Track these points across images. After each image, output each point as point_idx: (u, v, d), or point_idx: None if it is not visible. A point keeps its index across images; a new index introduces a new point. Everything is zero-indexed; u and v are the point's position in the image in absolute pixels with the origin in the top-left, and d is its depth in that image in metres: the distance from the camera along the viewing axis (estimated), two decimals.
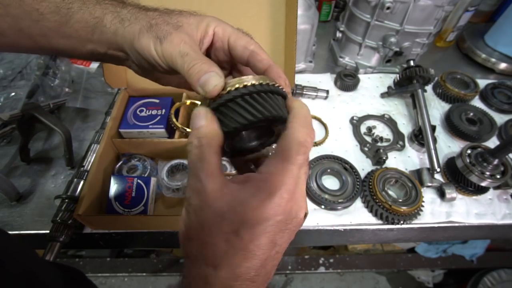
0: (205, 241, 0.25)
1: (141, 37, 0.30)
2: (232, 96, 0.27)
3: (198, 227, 0.25)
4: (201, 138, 0.26)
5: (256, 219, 0.24)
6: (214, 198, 0.24)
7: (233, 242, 0.24)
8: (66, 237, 0.55)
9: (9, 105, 0.77)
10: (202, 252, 0.25)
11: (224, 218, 0.24)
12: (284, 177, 0.25)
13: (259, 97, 0.27)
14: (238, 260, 0.24)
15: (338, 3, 1.17)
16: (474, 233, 0.70)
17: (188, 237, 0.26)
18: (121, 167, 0.67)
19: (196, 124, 0.26)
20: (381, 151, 0.73)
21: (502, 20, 1.01)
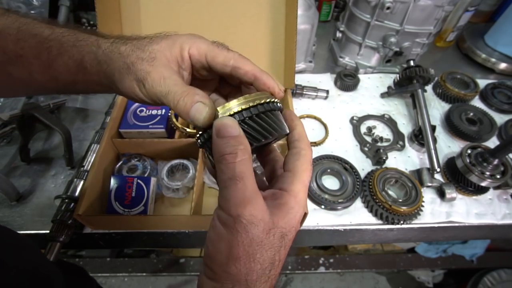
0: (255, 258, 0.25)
1: (122, 80, 0.31)
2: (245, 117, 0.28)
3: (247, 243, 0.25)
4: (245, 150, 0.26)
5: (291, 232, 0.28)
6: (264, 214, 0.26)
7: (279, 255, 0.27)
8: (66, 237, 0.55)
9: (9, 105, 0.77)
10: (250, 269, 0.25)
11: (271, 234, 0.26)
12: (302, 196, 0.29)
13: (260, 119, 0.28)
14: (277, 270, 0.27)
15: (338, 3, 1.17)
16: (474, 233, 0.70)
17: (235, 257, 0.25)
18: (121, 167, 0.67)
19: (232, 132, 0.26)
20: (381, 151, 0.73)
21: (502, 20, 1.01)
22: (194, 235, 0.62)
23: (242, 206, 0.25)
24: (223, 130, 0.26)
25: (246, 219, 0.25)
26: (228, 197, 0.25)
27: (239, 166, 0.25)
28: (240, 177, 0.25)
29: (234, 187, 0.25)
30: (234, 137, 0.26)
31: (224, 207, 0.26)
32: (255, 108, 0.28)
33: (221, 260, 0.26)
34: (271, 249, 0.26)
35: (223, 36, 0.71)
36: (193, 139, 0.67)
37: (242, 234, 0.25)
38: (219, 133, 0.26)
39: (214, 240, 0.26)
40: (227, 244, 0.25)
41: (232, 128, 0.26)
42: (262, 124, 0.28)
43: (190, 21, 0.70)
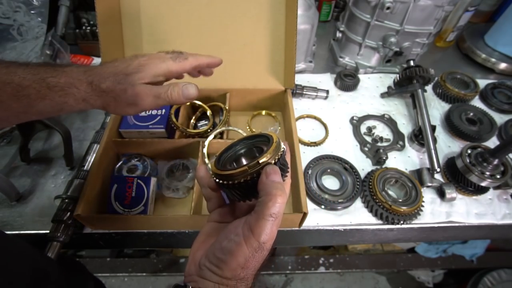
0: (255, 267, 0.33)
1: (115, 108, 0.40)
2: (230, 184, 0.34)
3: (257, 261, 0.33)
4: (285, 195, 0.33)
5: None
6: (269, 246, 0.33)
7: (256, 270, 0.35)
8: (66, 237, 0.55)
9: None
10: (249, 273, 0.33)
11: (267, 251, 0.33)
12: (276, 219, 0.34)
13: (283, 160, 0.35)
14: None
15: (338, 3, 1.17)
16: (474, 233, 0.70)
17: (245, 267, 0.32)
18: (121, 167, 0.67)
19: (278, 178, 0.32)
20: (381, 151, 0.73)
21: (502, 20, 1.01)
22: (194, 235, 0.62)
23: (269, 238, 0.31)
24: (274, 175, 0.32)
25: (266, 247, 0.32)
26: (262, 228, 0.31)
27: (281, 207, 0.31)
28: (277, 216, 0.31)
29: (271, 223, 0.31)
30: (280, 183, 0.32)
31: (255, 232, 0.31)
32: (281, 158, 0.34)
33: (235, 267, 0.32)
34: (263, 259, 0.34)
35: (223, 36, 0.71)
36: (193, 139, 0.68)
37: (259, 255, 0.32)
38: (270, 176, 0.32)
39: (233, 251, 0.32)
40: (245, 259, 0.32)
41: (279, 174, 0.32)
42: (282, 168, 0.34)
43: (190, 21, 0.70)
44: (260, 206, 0.32)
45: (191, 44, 0.72)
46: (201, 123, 0.77)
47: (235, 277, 0.32)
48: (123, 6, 0.69)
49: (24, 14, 0.85)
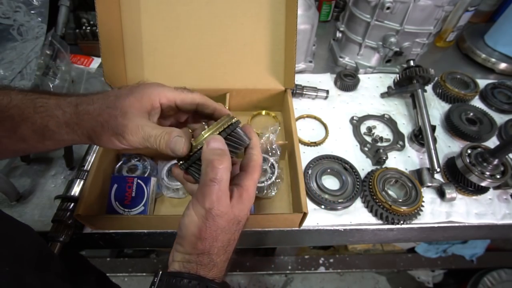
0: (218, 239, 0.33)
1: (99, 136, 0.36)
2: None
3: (213, 230, 0.33)
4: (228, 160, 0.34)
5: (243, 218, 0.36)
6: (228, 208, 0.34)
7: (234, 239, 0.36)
8: (66, 237, 0.55)
9: None
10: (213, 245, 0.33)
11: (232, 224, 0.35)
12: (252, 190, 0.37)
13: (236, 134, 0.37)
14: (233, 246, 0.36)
15: (338, 3, 1.17)
16: (474, 233, 0.70)
17: (200, 237, 0.33)
18: (121, 167, 0.67)
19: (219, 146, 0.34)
20: (381, 151, 0.73)
21: (502, 20, 1.01)
22: None
23: (214, 202, 0.32)
24: (213, 142, 0.33)
25: (215, 213, 0.32)
26: (206, 194, 0.32)
27: (221, 171, 0.32)
28: (219, 180, 0.32)
29: (213, 187, 0.32)
30: (221, 149, 0.33)
31: (200, 200, 0.33)
32: (228, 129, 0.36)
33: (191, 240, 0.33)
34: (229, 233, 0.35)
35: (223, 36, 0.71)
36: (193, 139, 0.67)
37: (210, 222, 0.33)
38: (209, 144, 0.33)
39: (187, 225, 0.33)
40: (198, 229, 0.33)
41: (220, 142, 0.34)
42: (234, 140, 0.37)
43: (190, 21, 0.70)
44: (202, 174, 0.33)
45: (191, 44, 0.72)
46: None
47: (195, 251, 0.33)
48: (123, 6, 0.69)
49: (24, 14, 0.85)
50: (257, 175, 0.37)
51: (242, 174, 0.37)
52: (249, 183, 0.36)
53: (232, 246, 0.36)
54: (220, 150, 0.33)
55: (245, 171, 0.37)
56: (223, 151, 0.33)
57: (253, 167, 0.37)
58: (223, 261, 0.35)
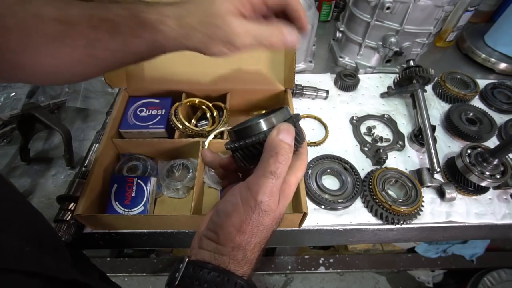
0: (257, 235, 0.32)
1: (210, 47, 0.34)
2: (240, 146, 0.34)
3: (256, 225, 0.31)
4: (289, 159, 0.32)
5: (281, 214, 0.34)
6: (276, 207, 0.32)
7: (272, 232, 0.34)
8: (68, 236, 0.55)
9: (9, 105, 0.77)
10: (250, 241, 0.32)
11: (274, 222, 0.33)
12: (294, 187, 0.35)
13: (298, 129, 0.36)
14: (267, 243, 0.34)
15: (338, 3, 1.17)
16: (474, 233, 0.70)
17: (241, 230, 0.31)
18: (121, 167, 0.67)
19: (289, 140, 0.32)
20: (381, 151, 0.73)
21: (502, 20, 1.01)
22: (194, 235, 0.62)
23: (267, 196, 0.30)
24: (286, 134, 0.31)
25: (264, 208, 0.30)
26: (261, 185, 0.30)
27: (282, 167, 0.31)
28: (277, 176, 0.31)
29: (270, 180, 0.30)
30: (289, 144, 0.31)
31: (252, 190, 0.31)
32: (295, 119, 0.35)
33: (230, 230, 0.31)
34: (268, 230, 0.33)
35: None
36: (193, 139, 0.68)
37: (256, 216, 0.31)
38: (281, 133, 0.31)
39: (229, 212, 0.31)
40: (240, 220, 0.31)
41: (291, 135, 0.32)
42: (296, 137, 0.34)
43: None
44: (261, 163, 0.31)
45: None
46: (201, 123, 0.77)
47: (230, 243, 0.31)
48: None
49: None
50: (301, 174, 0.36)
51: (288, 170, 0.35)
52: (292, 180, 0.34)
53: (266, 243, 0.34)
54: (288, 145, 0.31)
55: (291, 167, 0.34)
56: (290, 147, 0.32)
57: (299, 165, 0.35)
58: (256, 258, 0.33)
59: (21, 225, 0.32)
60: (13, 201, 0.35)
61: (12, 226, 0.31)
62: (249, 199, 0.31)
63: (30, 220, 0.36)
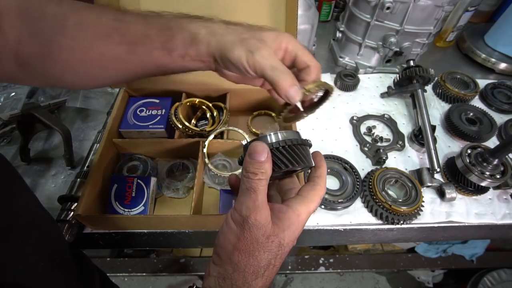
0: (254, 254, 0.31)
1: (235, 49, 0.35)
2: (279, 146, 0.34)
3: (248, 241, 0.31)
4: (265, 173, 0.32)
5: (288, 244, 0.33)
6: (267, 222, 0.32)
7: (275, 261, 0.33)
8: (70, 236, 0.56)
9: (9, 105, 0.77)
10: (249, 262, 0.31)
11: (270, 240, 0.32)
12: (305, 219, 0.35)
13: (296, 148, 0.35)
14: (271, 273, 0.33)
15: (338, 3, 1.17)
16: (474, 233, 0.70)
17: (237, 247, 0.32)
18: (121, 167, 0.67)
19: (259, 157, 0.32)
20: (381, 151, 0.73)
21: (502, 20, 1.01)
22: (194, 235, 0.62)
23: (251, 211, 0.31)
24: (253, 154, 0.32)
25: (252, 222, 0.31)
26: (243, 202, 0.32)
27: (257, 182, 0.31)
28: (254, 190, 0.31)
29: (248, 195, 0.31)
30: (259, 162, 0.32)
31: (237, 208, 0.32)
32: (290, 140, 0.34)
33: (228, 249, 0.32)
34: (268, 252, 0.32)
35: None
36: (193, 139, 0.68)
37: (246, 231, 0.31)
38: (250, 155, 0.32)
39: (225, 232, 0.33)
40: (235, 237, 0.32)
41: (260, 154, 0.32)
42: (292, 155, 0.34)
43: None
44: (241, 182, 0.33)
45: None
46: (201, 123, 0.77)
47: (229, 262, 0.32)
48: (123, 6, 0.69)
49: None
50: (314, 207, 0.35)
51: (298, 198, 0.35)
52: (302, 210, 0.34)
53: (272, 272, 0.33)
54: (258, 164, 0.32)
55: (303, 196, 0.35)
56: (261, 165, 0.32)
57: (313, 196, 0.35)
58: (258, 286, 0.32)
59: (38, 240, 0.33)
60: (33, 214, 0.35)
61: (30, 241, 0.31)
62: (237, 217, 0.32)
63: (46, 232, 0.36)
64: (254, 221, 0.31)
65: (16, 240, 0.29)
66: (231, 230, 0.32)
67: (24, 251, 0.28)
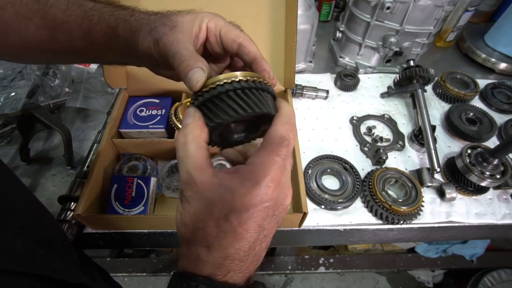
0: (198, 226, 0.28)
1: (143, 40, 0.33)
2: (217, 92, 0.28)
3: (191, 214, 0.28)
4: (187, 135, 0.28)
5: (244, 205, 0.27)
6: (204, 188, 0.27)
7: (223, 226, 0.27)
8: (70, 236, 0.56)
9: (9, 105, 0.77)
10: (196, 235, 0.28)
11: (215, 205, 0.27)
12: (270, 167, 0.28)
13: (243, 93, 0.28)
14: (228, 242, 0.27)
15: (338, 3, 1.17)
16: (474, 233, 0.70)
17: (183, 223, 0.29)
18: (121, 167, 0.67)
19: (184, 122, 0.29)
20: (381, 151, 0.73)
21: (502, 20, 1.01)
22: None
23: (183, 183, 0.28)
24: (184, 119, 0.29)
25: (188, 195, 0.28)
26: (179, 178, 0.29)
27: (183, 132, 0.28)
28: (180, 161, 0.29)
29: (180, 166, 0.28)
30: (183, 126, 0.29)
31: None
32: (247, 82, 0.29)
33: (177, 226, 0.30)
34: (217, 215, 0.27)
35: None
36: None
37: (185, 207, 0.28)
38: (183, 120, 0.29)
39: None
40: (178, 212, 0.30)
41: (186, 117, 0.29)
42: (249, 99, 0.29)
43: None
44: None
45: None
46: None
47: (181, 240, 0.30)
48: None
49: None
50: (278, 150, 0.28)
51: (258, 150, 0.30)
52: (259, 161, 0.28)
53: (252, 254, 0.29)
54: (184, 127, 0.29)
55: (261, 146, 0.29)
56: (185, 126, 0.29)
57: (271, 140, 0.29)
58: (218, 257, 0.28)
59: (34, 228, 0.33)
60: (27, 204, 0.36)
61: (26, 229, 0.31)
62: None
63: (42, 221, 0.36)
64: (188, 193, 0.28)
65: (12, 228, 0.29)
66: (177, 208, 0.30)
67: (22, 239, 0.28)
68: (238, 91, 0.28)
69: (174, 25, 0.33)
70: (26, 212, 0.34)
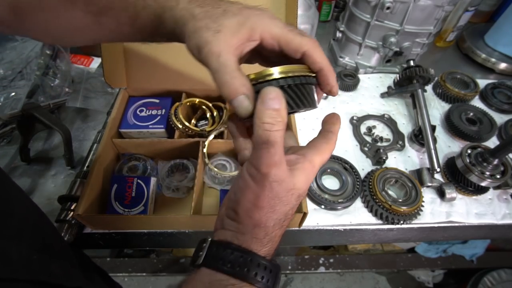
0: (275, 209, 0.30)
1: (188, 40, 0.32)
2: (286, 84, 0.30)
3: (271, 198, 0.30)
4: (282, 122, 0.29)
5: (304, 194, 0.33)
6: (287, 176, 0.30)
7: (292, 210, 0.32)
8: (70, 236, 0.56)
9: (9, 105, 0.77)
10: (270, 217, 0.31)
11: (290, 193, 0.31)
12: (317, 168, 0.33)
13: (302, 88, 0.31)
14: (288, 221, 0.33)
15: (338, 3, 1.17)
16: (474, 233, 0.70)
17: (257, 205, 0.30)
18: (121, 167, 0.67)
19: (274, 105, 0.28)
20: (381, 151, 0.73)
21: (502, 20, 1.01)
22: (194, 235, 0.62)
23: (271, 167, 0.29)
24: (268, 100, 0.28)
25: (272, 178, 0.29)
26: (260, 157, 0.29)
27: (274, 134, 0.28)
28: (272, 144, 0.28)
29: (267, 150, 0.28)
30: (276, 110, 0.28)
31: (255, 164, 0.29)
32: (298, 78, 0.31)
33: (247, 206, 0.30)
34: (288, 204, 0.31)
35: None
36: (193, 139, 0.68)
37: (267, 189, 0.29)
38: (264, 102, 0.28)
39: (242, 189, 0.31)
40: (255, 195, 0.30)
41: (276, 101, 0.28)
42: (299, 95, 0.31)
43: None
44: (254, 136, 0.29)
45: None
46: (201, 123, 0.77)
47: (250, 220, 0.30)
48: None
49: None
50: (327, 156, 0.33)
51: (313, 149, 0.33)
52: (316, 160, 0.32)
53: (288, 221, 0.33)
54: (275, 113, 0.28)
55: (317, 148, 0.33)
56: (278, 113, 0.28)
57: (325, 147, 0.33)
58: (278, 236, 0.32)
59: (31, 233, 0.33)
60: (24, 208, 0.35)
61: (23, 234, 0.31)
62: (254, 173, 0.30)
63: (38, 225, 0.36)
64: (275, 177, 0.29)
65: (10, 234, 0.29)
66: (249, 187, 0.30)
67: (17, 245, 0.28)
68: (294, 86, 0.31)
69: (219, 30, 0.30)
70: (24, 216, 0.34)
